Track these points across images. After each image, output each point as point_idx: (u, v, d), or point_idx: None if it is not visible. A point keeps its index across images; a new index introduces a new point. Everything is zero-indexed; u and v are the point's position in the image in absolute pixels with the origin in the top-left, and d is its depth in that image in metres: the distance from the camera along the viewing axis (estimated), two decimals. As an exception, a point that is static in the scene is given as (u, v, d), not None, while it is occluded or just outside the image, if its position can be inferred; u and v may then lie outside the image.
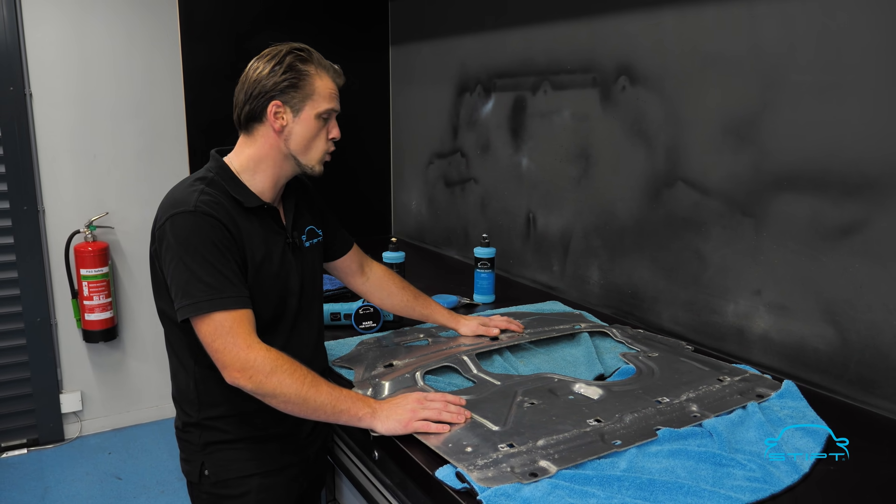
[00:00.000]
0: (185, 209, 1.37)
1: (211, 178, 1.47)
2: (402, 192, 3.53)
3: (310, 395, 1.34)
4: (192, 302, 1.34)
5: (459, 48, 2.88)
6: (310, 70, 1.47)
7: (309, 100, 1.47)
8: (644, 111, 2.04)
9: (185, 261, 1.35)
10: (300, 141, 1.50)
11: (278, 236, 1.54)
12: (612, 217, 2.21)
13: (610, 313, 2.24)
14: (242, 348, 1.33)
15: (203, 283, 1.34)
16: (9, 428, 3.37)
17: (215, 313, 1.33)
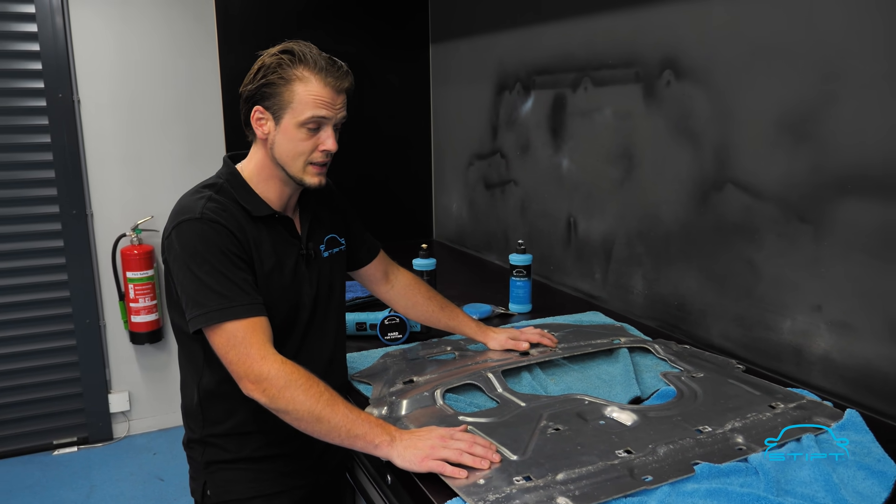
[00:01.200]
0: (191, 216, 1.31)
1: (220, 185, 1.41)
2: (442, 195, 3.43)
3: (324, 415, 1.24)
4: (202, 312, 1.28)
5: (498, 45, 2.76)
6: (294, 74, 1.34)
7: (288, 108, 1.35)
8: (690, 107, 1.88)
9: (193, 270, 1.29)
10: (283, 151, 1.39)
11: (291, 247, 1.47)
12: (656, 222, 2.05)
13: (655, 326, 2.08)
14: (256, 360, 1.26)
15: (213, 293, 1.28)
16: (60, 426, 3.43)
17: (227, 323, 1.27)
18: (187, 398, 1.48)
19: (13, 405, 3.30)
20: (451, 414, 1.45)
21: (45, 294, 3.29)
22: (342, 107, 1.40)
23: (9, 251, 3.20)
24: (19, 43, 3.07)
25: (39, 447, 3.38)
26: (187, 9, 3.30)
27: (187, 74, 3.35)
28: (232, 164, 1.47)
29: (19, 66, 3.09)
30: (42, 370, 3.33)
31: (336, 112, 1.39)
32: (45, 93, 3.14)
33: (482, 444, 1.26)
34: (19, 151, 3.16)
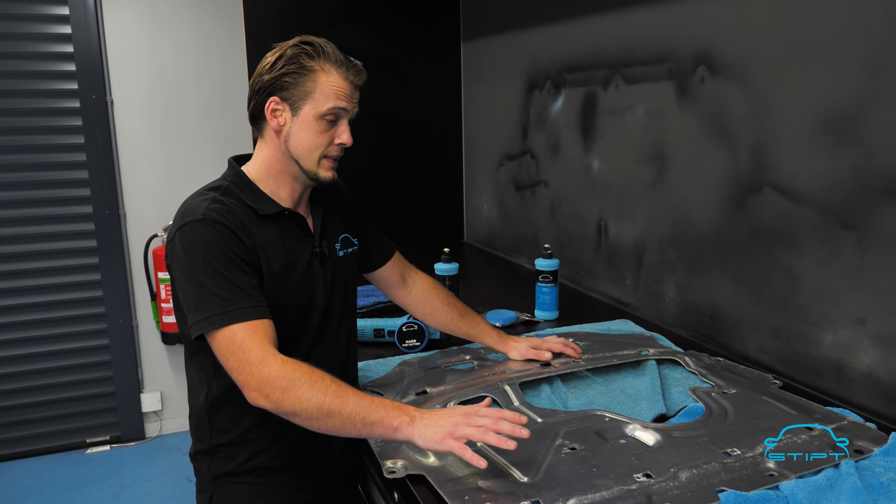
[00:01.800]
0: (194, 218, 1.28)
1: (225, 187, 1.38)
2: (473, 196, 3.36)
3: (335, 408, 1.17)
4: (203, 317, 1.23)
5: (529, 41, 2.67)
6: (315, 65, 1.34)
7: (309, 97, 1.34)
8: (725, 105, 1.77)
9: (195, 273, 1.25)
10: (299, 143, 1.36)
11: (304, 245, 1.43)
12: (689, 226, 1.95)
13: (687, 336, 1.97)
14: (255, 364, 1.19)
15: (214, 296, 1.23)
16: (93, 425, 3.47)
17: (228, 327, 1.22)
18: (195, 408, 1.44)
19: (47, 403, 3.34)
20: (462, 429, 1.39)
21: (79, 294, 3.33)
22: (357, 102, 1.40)
23: (43, 251, 3.24)
24: (54, 45, 3.11)
25: (73, 445, 3.43)
26: (218, 8, 3.29)
27: (219, 74, 3.35)
28: (237, 166, 1.43)
29: (54, 67, 3.13)
30: (75, 369, 3.37)
31: (353, 106, 1.39)
32: (78, 94, 3.17)
33: (509, 419, 1.18)
34: (53, 152, 3.20)
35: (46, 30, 3.09)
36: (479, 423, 1.16)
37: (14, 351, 3.25)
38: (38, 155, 3.17)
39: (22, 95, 3.11)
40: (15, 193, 3.16)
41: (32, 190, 3.19)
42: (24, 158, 3.16)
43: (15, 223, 3.18)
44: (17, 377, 3.27)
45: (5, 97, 3.08)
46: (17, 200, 3.17)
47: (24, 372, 3.28)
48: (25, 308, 3.25)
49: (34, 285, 3.25)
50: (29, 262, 3.23)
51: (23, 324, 3.25)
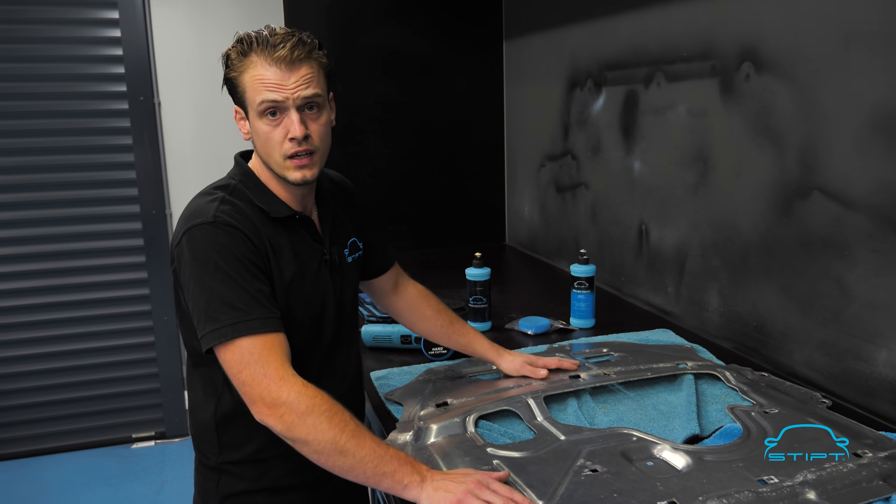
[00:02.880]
0: (203, 220, 1.20)
1: (234, 186, 1.30)
2: (514, 198, 3.28)
3: (349, 448, 1.10)
4: (214, 328, 1.15)
5: (570, 39, 2.58)
6: (245, 62, 1.23)
7: (245, 97, 1.25)
8: (771, 104, 1.66)
9: (204, 279, 1.17)
10: (260, 146, 1.29)
11: (314, 251, 1.35)
12: (733, 232, 1.84)
13: (730, 348, 1.86)
14: (274, 380, 1.12)
15: (226, 305, 1.15)
16: (138, 420, 3.54)
17: (241, 339, 1.14)
18: (201, 422, 1.35)
19: (94, 399, 3.42)
20: (480, 445, 1.33)
21: (125, 291, 3.40)
22: (300, 84, 1.21)
23: (91, 249, 3.32)
24: (104, 48, 3.18)
25: (119, 440, 3.50)
26: (264, 9, 3.30)
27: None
28: (244, 163, 1.36)
29: (103, 70, 3.20)
30: (121, 365, 3.44)
31: (290, 92, 1.21)
32: (127, 96, 3.23)
33: (521, 502, 1.09)
34: (102, 153, 3.27)
35: (97, 34, 3.16)
36: (487, 498, 1.09)
37: (62, 347, 3.34)
38: (86, 156, 3.25)
39: (72, 98, 3.19)
40: (64, 193, 3.25)
41: (81, 190, 3.27)
42: (73, 159, 3.24)
43: (64, 222, 3.27)
44: (65, 372, 3.36)
45: (56, 99, 3.17)
46: (67, 200, 3.26)
47: (71, 367, 3.37)
48: (73, 305, 3.34)
49: (82, 283, 3.33)
50: (77, 260, 3.31)
51: (70, 320, 3.34)
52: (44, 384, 3.35)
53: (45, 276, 3.28)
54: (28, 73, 3.11)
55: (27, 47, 3.09)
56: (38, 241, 3.25)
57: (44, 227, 3.25)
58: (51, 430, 3.40)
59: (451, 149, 3.33)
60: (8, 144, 3.15)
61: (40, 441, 3.39)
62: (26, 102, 3.14)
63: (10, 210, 3.19)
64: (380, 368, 1.78)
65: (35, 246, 3.25)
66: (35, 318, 3.30)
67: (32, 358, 3.32)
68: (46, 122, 3.18)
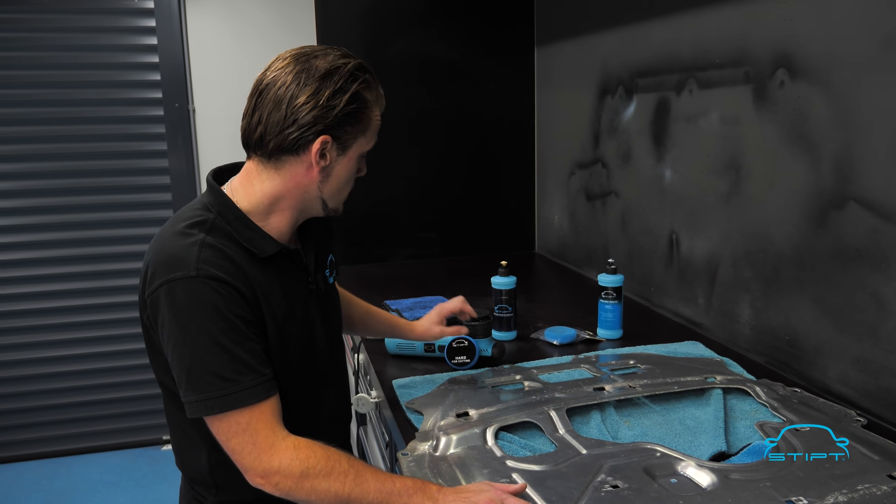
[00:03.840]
0: (185, 274, 1.09)
1: (211, 222, 1.17)
2: (544, 205, 3.25)
3: (354, 496, 1.09)
4: (199, 398, 1.09)
5: (601, 45, 2.55)
6: (370, 99, 1.19)
7: (361, 136, 1.20)
8: (806, 112, 1.61)
9: (187, 342, 1.09)
10: (338, 183, 1.22)
11: (300, 284, 1.29)
12: (766, 243, 1.78)
13: (762, 362, 1.81)
14: (264, 450, 1.09)
15: (212, 375, 1.08)
16: (169, 423, 3.58)
17: (229, 413, 1.09)
18: (190, 460, 1.28)
19: (126, 400, 3.48)
20: (499, 457, 1.31)
21: (158, 295, 3.45)
22: None
23: (125, 253, 3.38)
24: (140, 55, 3.24)
25: (150, 441, 3.55)
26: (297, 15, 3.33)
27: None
28: (221, 192, 1.21)
29: (140, 77, 3.26)
30: (153, 368, 3.49)
31: None
32: (162, 102, 3.29)
33: None
34: (137, 158, 3.33)
35: (134, 41, 3.23)
36: None
37: (95, 349, 3.41)
38: (121, 161, 3.32)
39: (108, 104, 3.26)
40: (99, 198, 3.32)
41: (115, 195, 3.34)
42: (108, 164, 3.31)
43: (100, 226, 3.34)
44: (98, 374, 3.43)
45: (93, 105, 3.24)
46: (101, 204, 3.33)
47: (104, 369, 3.43)
48: (105, 308, 3.40)
49: (117, 286, 3.40)
50: (111, 263, 3.38)
51: (104, 323, 3.41)
52: (76, 385, 3.42)
53: (81, 279, 3.35)
54: (65, 80, 3.19)
55: (65, 55, 3.17)
56: (73, 244, 3.33)
57: (79, 231, 3.32)
58: (83, 431, 3.46)
59: (481, 156, 3.31)
60: (45, 150, 3.23)
61: (72, 441, 3.46)
62: (63, 109, 3.22)
63: (48, 214, 3.27)
64: (402, 377, 1.77)
65: (70, 249, 3.32)
66: (69, 321, 3.37)
67: (66, 359, 3.39)
68: (82, 129, 3.25)
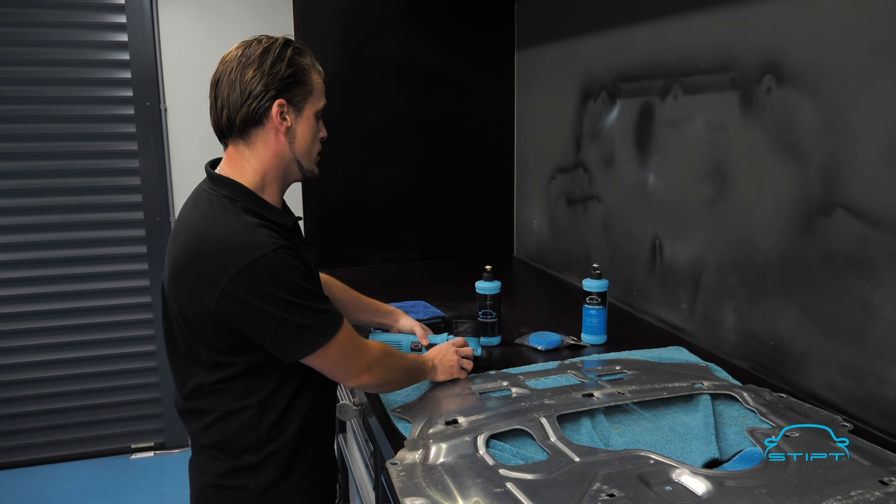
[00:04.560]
0: (264, 252, 1.23)
1: (243, 207, 1.32)
2: (524, 210, 3.24)
3: (406, 365, 1.54)
4: (316, 332, 1.29)
5: (584, 49, 2.55)
6: (306, 63, 1.37)
7: (310, 97, 1.37)
8: (794, 118, 1.62)
9: (291, 300, 1.26)
10: (304, 143, 1.38)
11: (310, 251, 1.47)
12: (751, 249, 1.79)
13: (746, 367, 1.81)
14: (364, 352, 1.39)
15: (318, 311, 1.30)
16: (139, 430, 3.49)
17: (338, 333, 1.32)
18: (232, 430, 1.36)
19: (93, 408, 3.37)
20: (491, 465, 1.28)
21: (127, 299, 3.36)
22: None
23: (93, 256, 3.28)
24: (111, 52, 3.15)
25: (118, 450, 3.45)
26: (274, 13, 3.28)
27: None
28: (234, 182, 1.34)
29: (110, 74, 3.17)
30: (122, 374, 3.39)
31: None
32: (133, 101, 3.20)
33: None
34: (107, 158, 3.24)
35: (104, 38, 3.14)
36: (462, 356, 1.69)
37: (62, 355, 3.30)
38: (91, 161, 3.22)
39: (78, 102, 3.16)
40: (67, 199, 3.21)
41: (84, 195, 3.24)
42: (77, 164, 3.21)
43: (66, 228, 3.23)
44: (65, 381, 3.32)
45: (61, 104, 3.14)
46: (69, 206, 3.22)
47: (71, 376, 3.32)
48: (74, 312, 3.29)
49: (83, 290, 3.29)
50: (78, 266, 3.27)
51: (71, 328, 3.30)
52: (43, 392, 3.30)
53: (45, 283, 3.24)
54: (33, 76, 3.09)
55: (33, 51, 3.06)
56: (40, 247, 3.21)
57: (45, 233, 3.21)
58: (50, 440, 3.35)
59: (459, 159, 3.29)
60: (12, 148, 3.12)
61: (39, 450, 3.34)
62: (31, 106, 3.11)
63: (12, 215, 3.16)
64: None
65: (36, 252, 3.21)
66: (34, 326, 3.25)
67: (31, 366, 3.28)
68: (51, 127, 3.15)
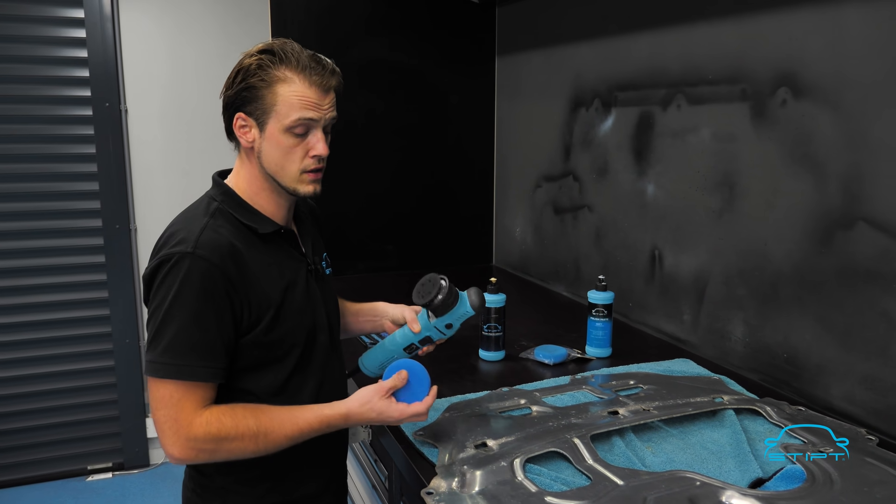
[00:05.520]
0: (183, 250, 1.18)
1: (216, 208, 1.29)
2: (504, 218, 3.19)
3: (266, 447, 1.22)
4: (155, 360, 1.16)
5: (574, 57, 2.52)
6: (276, 74, 1.24)
7: (272, 112, 1.24)
8: (811, 131, 1.62)
9: (166, 309, 1.17)
10: (272, 160, 1.28)
11: (299, 264, 1.36)
12: (762, 261, 1.78)
13: (757, 379, 1.81)
14: (182, 425, 1.16)
15: (172, 343, 1.16)
16: (95, 451, 3.28)
17: (167, 381, 1.16)
18: None
19: (48, 427, 3.15)
20: (534, 492, 1.22)
21: (84, 312, 3.15)
22: (330, 107, 1.29)
23: (49, 266, 3.07)
24: (67, 49, 2.96)
25: (73, 472, 3.23)
26: (245, 14, 3.15)
27: (240, 85, 3.20)
28: (223, 183, 1.34)
29: (66, 73, 2.98)
30: (78, 391, 3.19)
31: (324, 112, 1.28)
32: (91, 101, 3.01)
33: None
34: (63, 162, 3.04)
35: (59, 33, 2.94)
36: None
37: (13, 372, 3.07)
38: (46, 165, 3.01)
39: (31, 102, 2.95)
40: (20, 205, 3.00)
41: (39, 201, 3.03)
42: (31, 168, 2.99)
43: (20, 236, 3.01)
44: (16, 399, 3.08)
45: (13, 103, 2.93)
46: (23, 212, 3.01)
47: (22, 394, 3.09)
48: (27, 326, 3.07)
49: (37, 302, 3.08)
50: (33, 277, 3.06)
51: (23, 343, 3.07)
52: (-8, 412, 3.07)
53: (-4, 294, 3.02)
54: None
55: (-20, 46, 2.86)
56: (-9, 256, 2.99)
57: (-3, 241, 2.99)
58: (0, 463, 3.12)
59: (438, 166, 3.22)
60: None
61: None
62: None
63: (-41, 222, 2.93)
64: (397, 402, 1.64)
65: (-14, 261, 2.99)
66: (-17, 340, 3.03)
67: (-21, 383, 3.04)
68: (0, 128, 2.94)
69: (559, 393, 1.68)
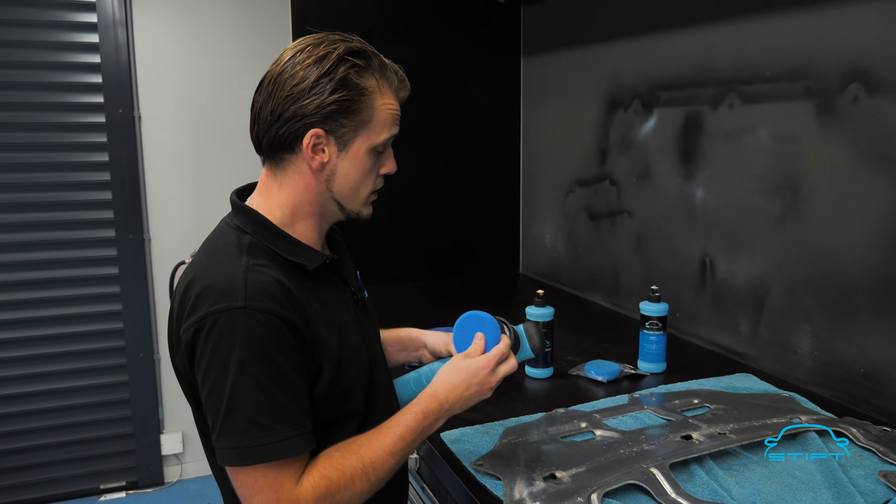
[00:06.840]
0: (231, 305, 0.97)
1: (250, 242, 1.07)
2: (532, 224, 3.08)
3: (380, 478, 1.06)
4: (232, 446, 0.97)
5: (610, 56, 2.41)
6: (369, 86, 1.07)
7: (364, 129, 1.08)
8: (888, 128, 1.51)
9: (227, 384, 0.97)
10: (347, 183, 1.11)
11: (346, 295, 1.19)
12: (834, 268, 1.67)
13: (828, 396, 1.69)
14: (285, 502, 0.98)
15: (249, 421, 0.97)
16: (108, 469, 3.17)
17: (260, 465, 0.97)
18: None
19: (59, 445, 3.05)
20: (621, 532, 1.10)
21: (97, 325, 3.05)
22: None
23: (61, 278, 2.97)
24: (79, 55, 2.86)
25: (86, 492, 3.12)
26: (260, 18, 3.04)
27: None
28: (250, 209, 1.12)
29: (78, 79, 2.88)
30: (91, 408, 3.08)
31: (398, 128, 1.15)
32: (104, 108, 2.91)
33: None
34: (75, 171, 2.94)
35: (72, 38, 2.84)
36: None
37: (23, 388, 2.96)
38: (57, 174, 2.91)
39: (43, 109, 2.85)
40: (31, 215, 2.89)
41: (50, 212, 2.92)
42: (42, 177, 2.89)
43: (31, 247, 2.91)
44: (26, 416, 2.98)
45: (25, 110, 2.83)
46: (34, 223, 2.90)
47: (33, 411, 2.99)
48: (38, 341, 2.96)
49: (48, 316, 2.97)
50: (44, 290, 2.95)
51: (34, 358, 2.97)
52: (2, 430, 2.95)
53: (6, 309, 2.90)
54: (-10, 80, 2.76)
55: (-7, 52, 2.75)
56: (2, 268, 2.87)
57: (5, 254, 2.87)
58: (7, 483, 2.99)
59: (462, 173, 3.10)
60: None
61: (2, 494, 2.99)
62: (-11, 113, 2.78)
63: (-33, 235, 2.82)
64: (445, 427, 1.52)
65: (-3, 275, 2.87)
66: (-7, 357, 2.91)
67: (-11, 402, 2.92)
68: (11, 136, 2.83)
69: (620, 415, 1.57)
